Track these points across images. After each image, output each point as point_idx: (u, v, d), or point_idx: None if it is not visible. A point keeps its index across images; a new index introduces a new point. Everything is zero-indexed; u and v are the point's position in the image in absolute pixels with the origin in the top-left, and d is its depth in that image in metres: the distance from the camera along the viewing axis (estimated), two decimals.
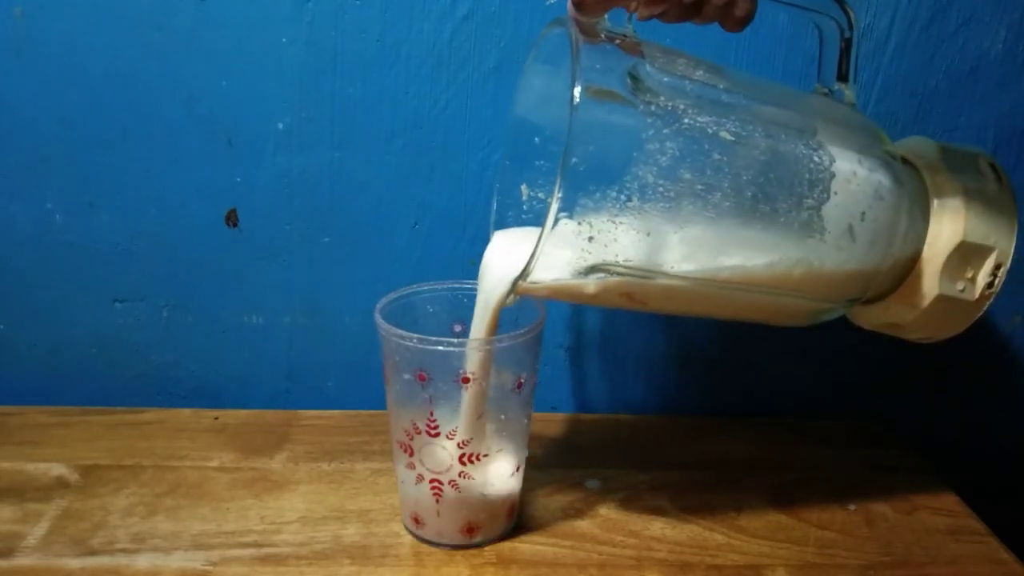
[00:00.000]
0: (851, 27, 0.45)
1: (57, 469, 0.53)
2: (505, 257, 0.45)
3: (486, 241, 0.61)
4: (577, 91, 0.36)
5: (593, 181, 0.37)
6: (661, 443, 0.60)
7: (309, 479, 0.53)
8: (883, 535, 0.50)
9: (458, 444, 0.44)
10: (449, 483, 0.45)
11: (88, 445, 0.56)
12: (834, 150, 0.42)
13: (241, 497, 0.51)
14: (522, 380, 0.45)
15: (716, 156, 0.40)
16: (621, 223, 0.38)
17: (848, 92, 0.46)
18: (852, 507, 0.52)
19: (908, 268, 0.46)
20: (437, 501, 0.46)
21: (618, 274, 0.40)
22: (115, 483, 0.52)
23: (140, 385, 0.64)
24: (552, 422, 0.62)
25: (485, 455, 0.45)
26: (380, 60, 0.57)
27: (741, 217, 0.41)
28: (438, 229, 0.61)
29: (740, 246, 0.41)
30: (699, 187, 0.39)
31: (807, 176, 0.41)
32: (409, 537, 0.48)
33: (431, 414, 0.43)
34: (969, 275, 0.45)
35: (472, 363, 0.43)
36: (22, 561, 0.44)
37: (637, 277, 0.40)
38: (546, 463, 0.56)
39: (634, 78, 0.39)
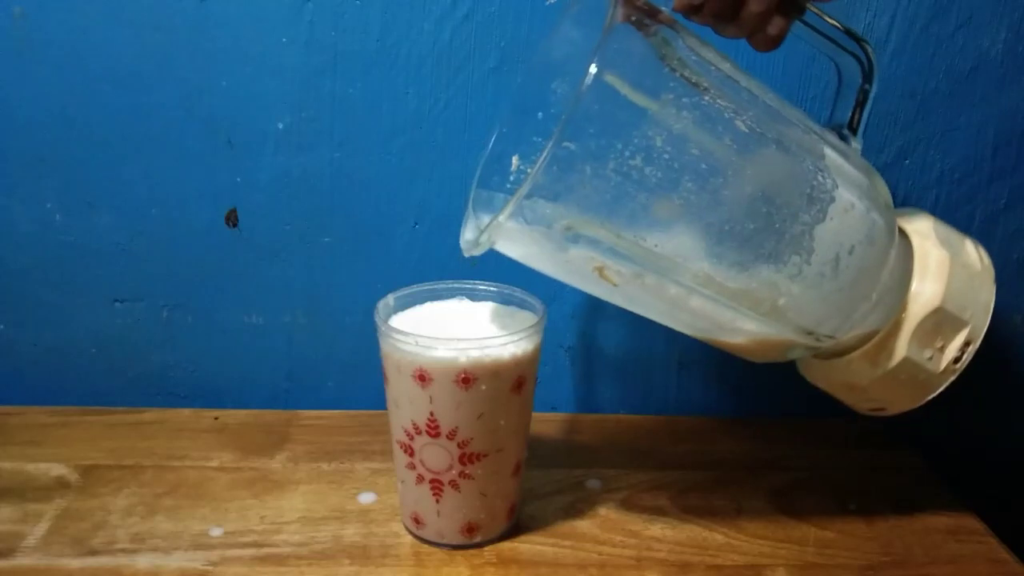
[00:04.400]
0: (870, 79, 0.44)
1: (57, 469, 0.53)
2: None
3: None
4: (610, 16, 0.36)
5: (603, 124, 0.37)
6: (661, 443, 0.60)
7: (309, 479, 0.53)
8: (883, 535, 0.50)
9: (458, 444, 0.44)
10: (449, 483, 0.45)
11: (88, 445, 0.56)
12: (838, 179, 0.42)
13: (241, 497, 0.51)
14: (522, 380, 0.45)
15: (727, 141, 0.40)
16: (617, 180, 0.37)
17: (855, 143, 0.46)
18: (852, 507, 0.52)
19: (879, 325, 0.45)
20: (437, 501, 0.46)
21: (595, 240, 0.39)
22: (115, 483, 0.52)
23: (140, 385, 0.64)
24: (552, 422, 0.62)
25: (485, 455, 0.45)
26: (380, 60, 0.57)
27: (735, 212, 0.40)
28: (438, 229, 0.61)
29: (727, 240, 0.41)
30: (703, 167, 0.39)
31: (808, 191, 0.41)
32: (409, 537, 0.48)
33: (431, 414, 0.43)
34: (939, 345, 0.45)
35: (472, 362, 0.43)
36: (22, 561, 0.44)
37: (615, 247, 0.39)
38: (546, 463, 0.56)
39: (667, 42, 0.39)
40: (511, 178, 0.47)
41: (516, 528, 0.49)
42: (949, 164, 0.61)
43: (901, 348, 0.44)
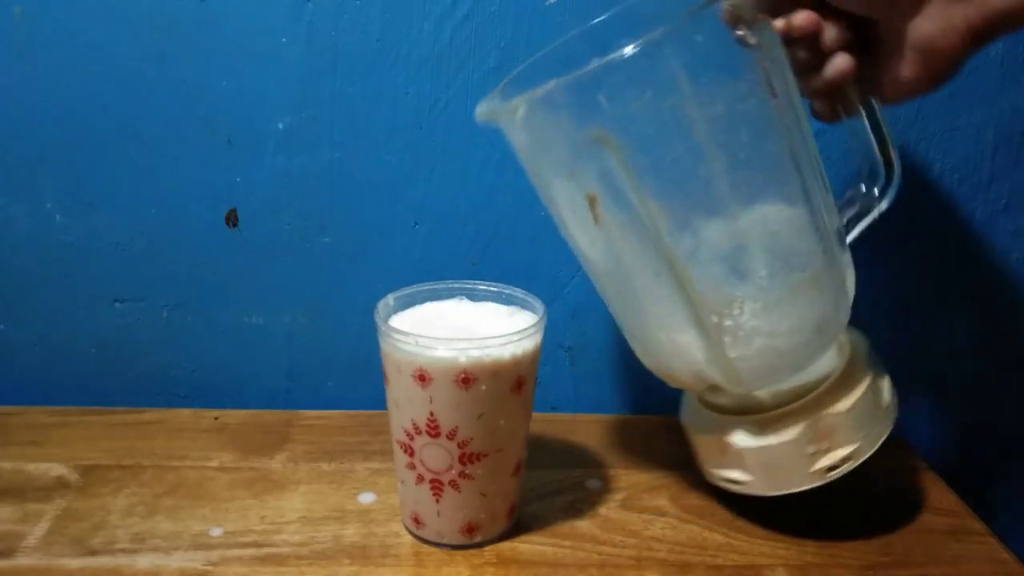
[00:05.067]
0: (884, 194, 0.45)
1: (57, 469, 0.53)
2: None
3: (487, 241, 0.61)
4: None
5: (695, 56, 0.37)
6: (661, 443, 0.60)
7: (309, 479, 0.53)
8: (883, 535, 0.50)
9: (458, 444, 0.44)
10: (449, 483, 0.45)
11: (88, 445, 0.56)
12: (829, 250, 0.43)
13: (241, 497, 0.51)
14: (522, 380, 0.45)
15: (770, 146, 0.41)
16: (667, 117, 0.38)
17: (846, 240, 0.47)
18: (852, 507, 0.52)
19: (787, 401, 0.47)
20: (437, 501, 0.46)
21: (610, 171, 0.39)
22: (115, 483, 0.52)
23: (140, 385, 0.64)
24: (552, 422, 0.62)
25: (485, 455, 0.45)
26: (380, 60, 0.57)
27: (742, 221, 0.41)
28: (438, 229, 0.61)
29: (717, 236, 0.41)
30: (742, 156, 0.40)
31: (806, 245, 0.42)
32: (409, 537, 0.48)
33: (431, 414, 0.43)
34: (825, 446, 0.46)
35: (472, 362, 0.43)
36: (22, 561, 0.44)
37: (622, 189, 0.40)
38: (546, 463, 0.56)
39: (763, 34, 0.39)
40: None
41: (516, 528, 0.49)
42: (949, 164, 0.61)
43: (792, 431, 0.45)
